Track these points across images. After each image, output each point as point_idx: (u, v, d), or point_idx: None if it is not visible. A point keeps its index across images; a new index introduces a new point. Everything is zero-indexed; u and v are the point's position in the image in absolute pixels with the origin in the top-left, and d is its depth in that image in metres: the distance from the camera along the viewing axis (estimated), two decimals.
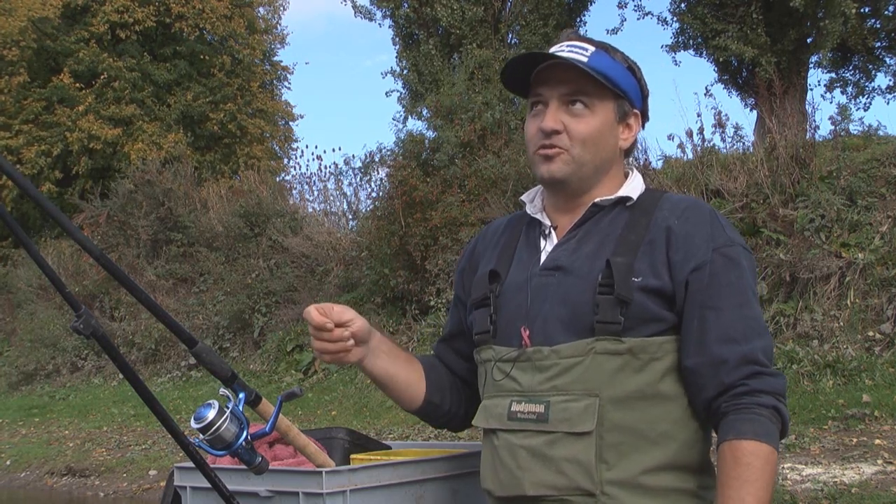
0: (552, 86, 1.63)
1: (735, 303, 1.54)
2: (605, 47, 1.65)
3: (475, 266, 1.79)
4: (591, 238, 1.63)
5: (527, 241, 1.72)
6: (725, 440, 1.49)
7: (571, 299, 1.57)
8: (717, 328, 1.52)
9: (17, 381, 14.53)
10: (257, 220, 13.69)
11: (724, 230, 1.59)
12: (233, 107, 22.83)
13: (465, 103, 11.39)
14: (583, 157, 1.63)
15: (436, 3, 15.93)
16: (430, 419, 1.83)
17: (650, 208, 1.63)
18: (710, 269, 1.54)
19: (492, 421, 1.63)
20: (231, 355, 12.09)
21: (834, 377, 6.96)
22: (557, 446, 1.53)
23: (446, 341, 1.86)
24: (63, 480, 9.22)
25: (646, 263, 1.55)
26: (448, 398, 1.80)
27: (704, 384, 1.53)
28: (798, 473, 5.53)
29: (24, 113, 20.84)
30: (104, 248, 14.29)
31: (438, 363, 1.84)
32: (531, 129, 1.66)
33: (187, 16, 22.12)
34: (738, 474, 1.46)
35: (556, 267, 1.62)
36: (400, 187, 10.55)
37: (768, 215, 8.44)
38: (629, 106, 1.67)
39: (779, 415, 1.51)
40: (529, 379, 1.58)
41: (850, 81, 17.31)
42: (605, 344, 1.52)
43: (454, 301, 1.87)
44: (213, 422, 1.37)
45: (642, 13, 16.96)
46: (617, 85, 1.63)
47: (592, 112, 1.63)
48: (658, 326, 1.55)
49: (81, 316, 1.23)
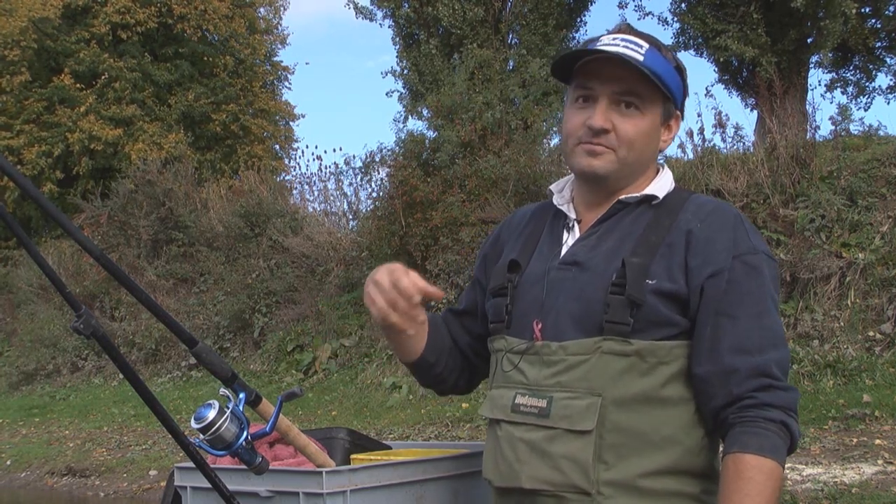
0: (604, 81, 1.58)
1: (753, 312, 1.51)
2: (657, 45, 1.61)
3: (499, 252, 1.77)
4: (611, 235, 1.60)
5: (550, 233, 1.70)
6: (729, 452, 1.47)
7: (585, 296, 1.55)
8: (731, 337, 1.50)
9: (17, 381, 14.53)
10: (258, 220, 13.68)
11: (747, 237, 1.55)
12: (235, 107, 22.85)
13: (465, 103, 11.39)
14: (627, 158, 1.60)
15: (437, 3, 15.93)
16: (420, 375, 1.81)
17: (675, 209, 1.60)
18: (728, 275, 1.51)
19: (496, 411, 1.62)
20: (231, 355, 12.08)
21: (834, 377, 6.96)
22: (556, 442, 1.53)
23: (456, 314, 1.85)
24: (63, 480, 9.22)
25: (662, 266, 1.53)
26: (443, 361, 1.78)
27: (714, 393, 1.50)
28: (798, 473, 5.53)
29: (26, 113, 20.84)
30: (105, 248, 14.29)
31: (444, 327, 1.82)
32: (575, 121, 1.61)
33: (189, 16, 22.11)
34: (738, 488, 1.44)
35: (574, 262, 1.60)
36: (400, 187, 10.55)
37: (769, 215, 8.44)
38: (673, 108, 1.64)
39: (787, 430, 1.48)
40: (536, 373, 1.58)
41: (850, 81, 17.31)
42: (611, 344, 1.51)
43: (473, 282, 1.85)
44: (213, 422, 1.37)
45: (643, 13, 16.98)
46: (668, 87, 1.59)
47: (642, 113, 1.59)
48: (669, 331, 1.52)
49: (82, 316, 1.23)
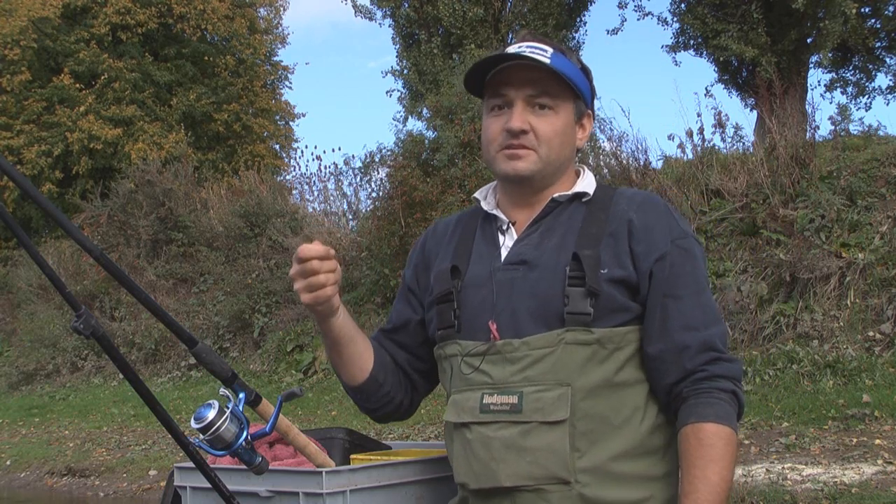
0: (517, 86, 1.66)
1: (692, 291, 1.61)
2: (561, 49, 1.70)
3: (428, 263, 1.81)
4: (553, 232, 1.67)
5: (483, 237, 1.74)
6: (688, 423, 1.56)
7: (540, 292, 1.60)
8: (678, 316, 1.59)
9: (17, 381, 14.53)
10: (257, 220, 13.69)
11: (678, 223, 1.67)
12: (237, 107, 22.85)
13: (465, 103, 11.38)
14: (548, 156, 1.67)
15: (437, 3, 15.94)
16: (367, 398, 1.79)
17: (606, 203, 1.68)
18: (669, 259, 1.61)
19: (464, 415, 1.63)
20: (231, 355, 12.09)
21: (834, 377, 6.96)
22: (531, 436, 1.55)
23: (388, 333, 1.84)
24: (63, 480, 9.22)
25: (610, 255, 1.61)
26: (389, 380, 1.79)
27: (667, 370, 1.59)
28: (798, 473, 5.53)
29: (26, 113, 20.84)
30: (104, 248, 14.29)
31: (381, 347, 1.82)
32: (494, 128, 1.69)
33: (189, 17, 22.11)
34: (702, 454, 1.52)
35: (521, 261, 1.65)
36: (400, 187, 10.56)
37: (768, 215, 8.44)
38: (584, 106, 1.73)
39: (736, 398, 1.59)
40: (500, 371, 1.60)
41: (850, 81, 17.31)
42: (575, 335, 1.57)
43: (402, 294, 1.86)
44: (213, 422, 1.38)
45: (642, 13, 17.00)
46: (576, 85, 1.68)
47: (556, 112, 1.68)
48: (624, 316, 1.60)
49: (81, 316, 1.23)
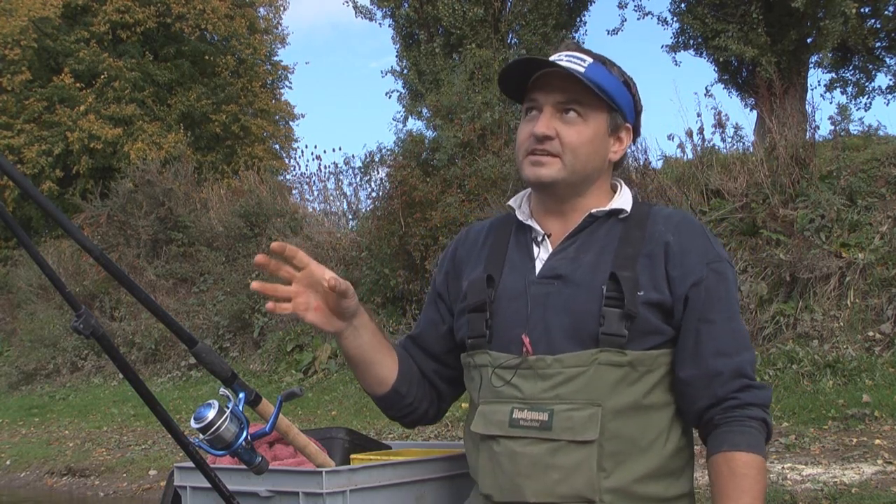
0: (548, 92, 1.66)
1: (725, 316, 1.61)
2: (603, 60, 1.69)
3: (459, 271, 1.79)
4: (589, 248, 1.65)
5: (517, 247, 1.73)
6: (720, 451, 1.56)
7: (575, 309, 1.59)
8: (711, 342, 1.59)
9: (17, 381, 14.52)
10: (257, 220, 13.68)
11: (713, 246, 1.66)
12: (235, 108, 22.83)
13: (464, 103, 11.38)
14: (573, 165, 1.65)
15: (437, 2, 15.94)
16: (390, 409, 1.81)
17: (642, 221, 1.67)
18: (705, 284, 1.61)
19: (492, 427, 1.63)
20: (231, 355, 12.08)
21: (834, 377, 6.96)
22: (560, 454, 1.55)
23: (415, 339, 1.85)
24: (63, 480, 9.21)
25: (646, 277, 1.60)
26: (413, 392, 1.79)
27: (698, 395, 1.59)
28: (798, 473, 5.53)
29: (26, 113, 20.84)
30: (104, 247, 14.29)
31: (408, 357, 1.82)
32: (524, 132, 1.69)
33: (188, 16, 22.10)
34: (736, 485, 1.52)
35: (556, 275, 1.64)
36: (400, 187, 10.55)
37: (768, 215, 8.43)
38: (622, 119, 1.71)
39: (766, 426, 1.60)
40: (532, 387, 1.59)
41: (850, 81, 17.29)
42: (608, 356, 1.56)
43: (432, 299, 1.85)
44: (213, 422, 1.38)
45: (642, 13, 16.97)
46: (611, 97, 1.66)
47: (585, 121, 1.66)
48: (656, 339, 1.60)
49: (81, 316, 1.23)
